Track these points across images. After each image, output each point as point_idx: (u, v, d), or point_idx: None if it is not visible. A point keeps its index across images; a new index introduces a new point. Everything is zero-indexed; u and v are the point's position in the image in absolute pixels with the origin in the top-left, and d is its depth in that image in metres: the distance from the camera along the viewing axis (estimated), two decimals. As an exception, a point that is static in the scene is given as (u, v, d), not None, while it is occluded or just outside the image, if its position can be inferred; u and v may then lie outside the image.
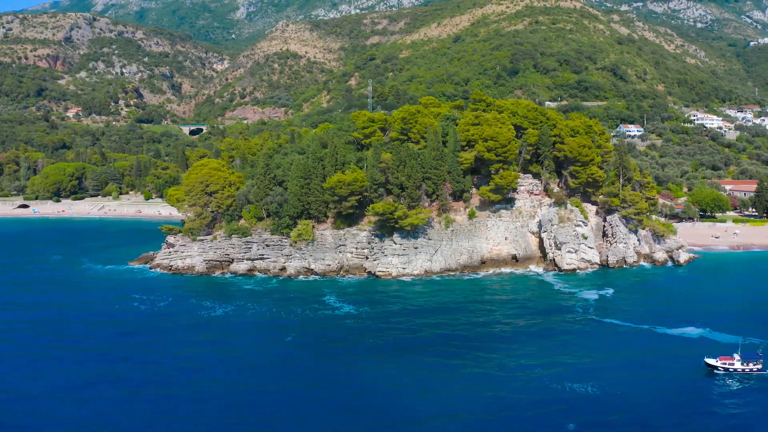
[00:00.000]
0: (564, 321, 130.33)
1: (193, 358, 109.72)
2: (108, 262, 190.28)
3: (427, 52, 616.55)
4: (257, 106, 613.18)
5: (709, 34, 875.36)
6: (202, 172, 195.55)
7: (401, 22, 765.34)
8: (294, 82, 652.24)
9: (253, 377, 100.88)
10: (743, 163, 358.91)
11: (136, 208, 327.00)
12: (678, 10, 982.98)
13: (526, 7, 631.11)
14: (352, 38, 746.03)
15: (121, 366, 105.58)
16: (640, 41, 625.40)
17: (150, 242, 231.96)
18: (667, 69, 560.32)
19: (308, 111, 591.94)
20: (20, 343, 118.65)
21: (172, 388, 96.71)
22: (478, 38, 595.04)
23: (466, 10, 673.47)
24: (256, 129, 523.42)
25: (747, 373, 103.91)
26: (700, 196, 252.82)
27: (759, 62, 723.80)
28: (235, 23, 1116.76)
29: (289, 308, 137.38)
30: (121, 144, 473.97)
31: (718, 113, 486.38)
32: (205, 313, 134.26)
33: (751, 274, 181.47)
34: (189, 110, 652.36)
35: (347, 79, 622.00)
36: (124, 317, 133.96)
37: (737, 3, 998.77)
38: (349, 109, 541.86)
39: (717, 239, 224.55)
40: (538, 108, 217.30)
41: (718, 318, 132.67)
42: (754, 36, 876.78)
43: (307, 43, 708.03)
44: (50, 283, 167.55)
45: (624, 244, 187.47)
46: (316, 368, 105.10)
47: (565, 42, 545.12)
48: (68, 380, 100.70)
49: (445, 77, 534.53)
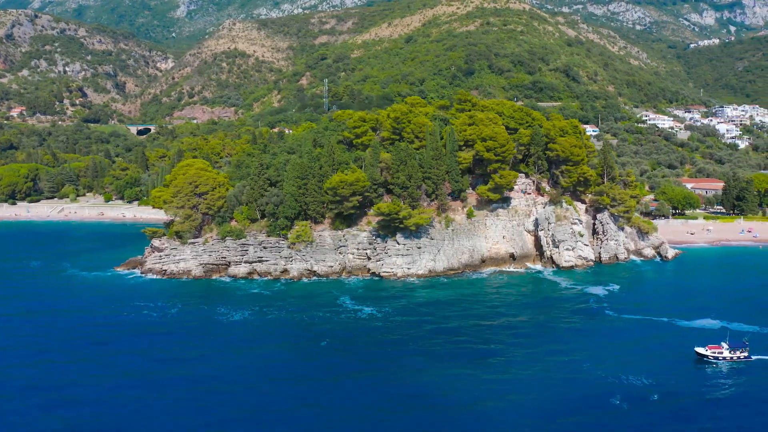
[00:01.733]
0: (586, 317, 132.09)
1: (242, 367, 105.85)
2: (92, 268, 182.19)
3: (380, 52, 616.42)
4: (206, 106, 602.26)
5: (649, 36, 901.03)
6: (190, 172, 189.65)
7: (349, 21, 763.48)
8: (243, 82, 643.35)
9: (316, 390, 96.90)
10: (698, 162, 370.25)
11: (97, 210, 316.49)
12: (617, 12, 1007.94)
13: (476, 8, 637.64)
14: (300, 37, 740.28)
15: (186, 383, 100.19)
16: (588, 43, 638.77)
17: (126, 246, 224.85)
18: (615, 70, 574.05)
19: (259, 111, 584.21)
20: (56, 367, 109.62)
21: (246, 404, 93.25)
22: (431, 39, 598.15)
23: (417, 11, 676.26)
24: (207, 129, 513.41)
25: (734, 360, 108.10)
26: (672, 194, 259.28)
27: (699, 64, 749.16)
28: (176, 21, 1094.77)
29: (308, 312, 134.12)
30: (69, 144, 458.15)
31: (666, 113, 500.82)
32: (224, 319, 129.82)
33: (736, 267, 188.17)
34: (135, 110, 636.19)
35: (298, 78, 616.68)
36: (140, 327, 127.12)
37: (675, 6, 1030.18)
38: (303, 109, 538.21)
39: (692, 236, 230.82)
40: (524, 108, 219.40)
41: (730, 309, 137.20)
42: (692, 38, 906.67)
43: (255, 42, 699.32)
44: (43, 292, 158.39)
45: (615, 241, 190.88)
46: (369, 373, 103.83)
47: (517, 43, 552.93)
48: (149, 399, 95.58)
49: (400, 77, 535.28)
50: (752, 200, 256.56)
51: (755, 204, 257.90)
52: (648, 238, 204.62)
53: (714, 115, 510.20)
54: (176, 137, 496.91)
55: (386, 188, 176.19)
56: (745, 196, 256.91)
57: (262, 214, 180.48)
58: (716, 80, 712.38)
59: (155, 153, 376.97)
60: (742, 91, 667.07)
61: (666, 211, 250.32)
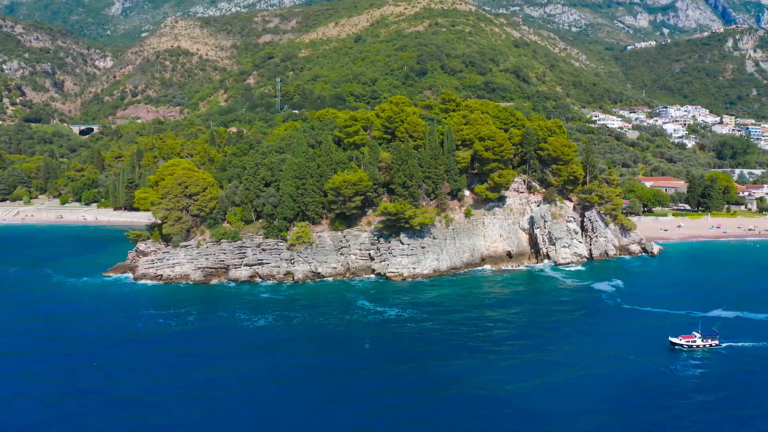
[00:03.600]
0: (607, 312, 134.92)
1: (293, 375, 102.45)
2: (78, 274, 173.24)
3: (328, 52, 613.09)
4: (151, 105, 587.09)
5: (585, 38, 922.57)
6: (178, 173, 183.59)
7: (293, 20, 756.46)
8: (187, 80, 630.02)
9: (383, 397, 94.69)
10: (651, 161, 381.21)
11: (56, 213, 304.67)
12: (554, 14, 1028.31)
13: (424, 9, 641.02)
14: (243, 36, 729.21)
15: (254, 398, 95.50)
16: (533, 45, 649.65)
17: (101, 250, 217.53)
18: (561, 72, 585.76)
19: (206, 110, 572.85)
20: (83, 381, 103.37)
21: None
22: (380, 39, 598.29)
23: (364, 11, 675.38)
24: (154, 129, 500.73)
25: (706, 348, 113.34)
26: (642, 192, 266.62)
27: (636, 65, 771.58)
28: (110, 19, 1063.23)
29: (333, 315, 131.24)
30: (12, 145, 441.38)
31: (613, 114, 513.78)
32: (249, 325, 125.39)
33: (721, 261, 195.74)
34: (75, 109, 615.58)
35: (245, 77, 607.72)
36: (167, 337, 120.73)
37: (609, 9, 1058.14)
38: (254, 109, 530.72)
39: (666, 232, 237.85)
40: (508, 108, 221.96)
41: (737, 300, 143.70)
42: (627, 40, 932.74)
43: (198, 41, 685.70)
44: (39, 300, 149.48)
45: (604, 238, 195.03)
46: (430, 372, 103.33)
47: (467, 44, 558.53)
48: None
49: (351, 77, 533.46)
50: (717, 198, 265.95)
51: (720, 201, 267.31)
52: (629, 235, 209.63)
53: (658, 116, 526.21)
54: (121, 137, 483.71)
55: (389, 188, 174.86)
56: (710, 194, 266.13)
57: (257, 215, 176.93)
58: (654, 81, 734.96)
59: (111, 153, 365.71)
60: (679, 92, 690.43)
61: (638, 209, 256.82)
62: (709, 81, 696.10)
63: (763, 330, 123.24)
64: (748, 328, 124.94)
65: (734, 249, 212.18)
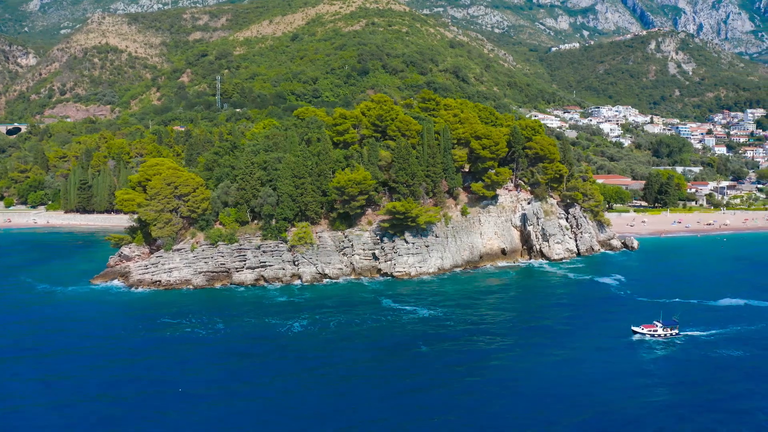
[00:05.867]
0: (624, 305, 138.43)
1: (356, 381, 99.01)
2: (63, 282, 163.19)
3: (265, 50, 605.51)
4: (80, 104, 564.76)
5: (509, 40, 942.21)
6: (165, 172, 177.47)
7: (223, 18, 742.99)
8: (117, 78, 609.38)
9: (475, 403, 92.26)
10: (595, 159, 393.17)
11: (3, 216, 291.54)
12: (477, 16, 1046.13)
13: (359, 8, 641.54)
14: (173, 33, 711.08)
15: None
16: (467, 45, 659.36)
17: (71, 254, 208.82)
18: (497, 72, 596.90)
19: (138, 109, 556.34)
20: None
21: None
22: (317, 37, 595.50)
23: (298, 9, 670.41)
24: (87, 128, 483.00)
25: (667, 338, 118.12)
26: (604, 189, 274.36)
27: (561, 66, 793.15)
28: (28, 15, 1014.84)
29: (366, 316, 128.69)
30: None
31: (548, 113, 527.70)
32: (286, 331, 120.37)
33: (698, 253, 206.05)
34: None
35: (179, 75, 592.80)
36: (206, 350, 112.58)
37: (531, 11, 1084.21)
38: (192, 107, 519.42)
39: (632, 227, 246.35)
40: (488, 108, 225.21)
41: (741, 289, 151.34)
42: (548, 42, 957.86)
43: (127, 38, 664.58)
44: (34, 311, 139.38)
45: (588, 233, 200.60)
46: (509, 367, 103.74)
47: (405, 44, 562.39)
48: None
49: (291, 76, 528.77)
50: (674, 194, 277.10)
51: (677, 198, 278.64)
52: (605, 231, 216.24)
53: (591, 115, 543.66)
54: (51, 136, 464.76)
55: (390, 187, 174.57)
56: (667, 191, 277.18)
57: (253, 216, 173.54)
58: (578, 82, 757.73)
59: (54, 153, 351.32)
60: (604, 92, 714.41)
61: (603, 206, 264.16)
62: (633, 82, 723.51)
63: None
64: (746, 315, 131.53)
65: (705, 242, 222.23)
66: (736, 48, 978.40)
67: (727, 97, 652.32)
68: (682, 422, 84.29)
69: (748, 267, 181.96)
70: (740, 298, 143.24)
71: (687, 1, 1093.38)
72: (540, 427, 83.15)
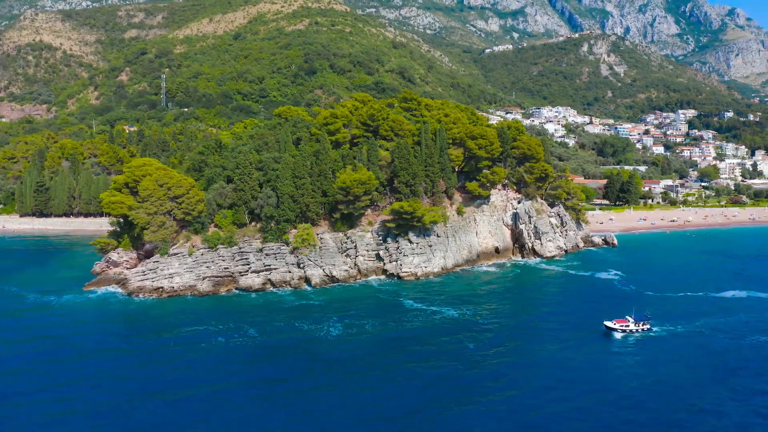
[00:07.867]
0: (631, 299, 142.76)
1: (425, 386, 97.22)
2: (54, 291, 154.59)
3: (206, 48, 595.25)
4: (15, 103, 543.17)
5: (441, 41, 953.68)
6: (155, 173, 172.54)
7: (158, 16, 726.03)
8: (53, 77, 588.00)
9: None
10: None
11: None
12: (409, 17, 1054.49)
13: (301, 7, 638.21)
14: (108, 31, 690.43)
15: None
16: (408, 46, 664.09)
17: (47, 260, 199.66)
18: (439, 73, 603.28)
19: (76, 108, 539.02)
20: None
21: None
22: (261, 36, 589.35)
23: (239, 7, 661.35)
24: (24, 128, 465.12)
25: (639, 332, 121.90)
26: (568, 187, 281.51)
27: (495, 68, 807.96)
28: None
29: (396, 318, 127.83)
30: None
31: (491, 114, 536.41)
32: (326, 336, 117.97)
33: (676, 249, 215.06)
34: None
35: (117, 74, 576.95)
36: (253, 359, 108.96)
37: (462, 13, 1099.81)
38: (135, 107, 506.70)
39: (602, 225, 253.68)
40: (470, 108, 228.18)
41: (742, 282, 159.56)
42: (479, 43, 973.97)
43: (61, 35, 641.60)
44: (36, 323, 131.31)
45: (573, 231, 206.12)
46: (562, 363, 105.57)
47: (350, 44, 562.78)
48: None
49: (236, 75, 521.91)
50: (636, 192, 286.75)
51: (638, 196, 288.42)
52: (583, 228, 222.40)
53: (533, 116, 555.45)
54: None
55: (392, 186, 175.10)
56: (629, 189, 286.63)
57: (252, 217, 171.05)
58: (513, 84, 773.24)
59: (2, 154, 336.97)
60: (539, 93, 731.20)
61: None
62: (567, 83, 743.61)
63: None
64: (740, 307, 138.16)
65: (676, 238, 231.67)
66: (662, 50, 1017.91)
67: (658, 98, 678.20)
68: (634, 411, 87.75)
69: (730, 261, 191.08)
70: (741, 290, 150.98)
71: (614, 5, 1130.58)
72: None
